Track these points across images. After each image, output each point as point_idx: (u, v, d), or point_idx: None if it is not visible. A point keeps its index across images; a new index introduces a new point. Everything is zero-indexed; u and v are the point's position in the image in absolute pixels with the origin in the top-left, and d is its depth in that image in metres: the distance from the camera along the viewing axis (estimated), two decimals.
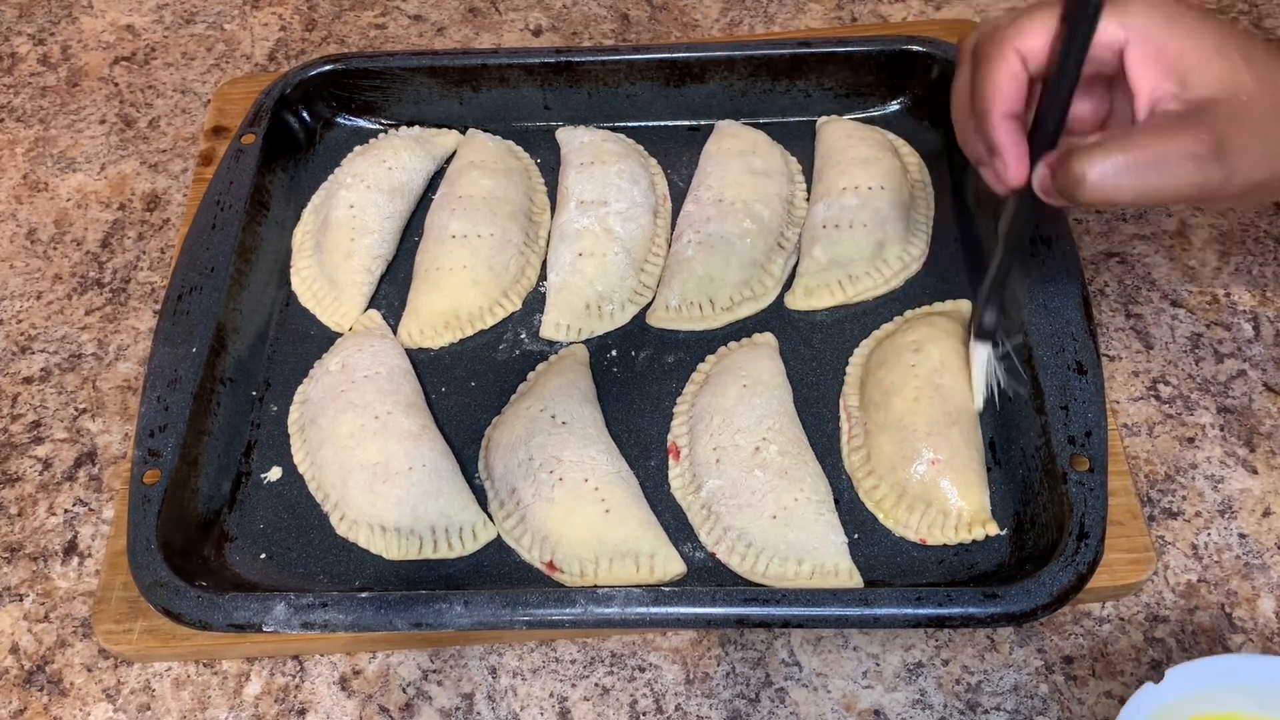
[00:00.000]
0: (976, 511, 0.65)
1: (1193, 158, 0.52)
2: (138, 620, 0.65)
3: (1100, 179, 0.52)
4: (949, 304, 0.74)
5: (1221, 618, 0.64)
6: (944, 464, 0.65)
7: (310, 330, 0.77)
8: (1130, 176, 0.52)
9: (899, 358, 0.69)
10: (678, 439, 0.70)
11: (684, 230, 0.78)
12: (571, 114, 0.85)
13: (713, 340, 0.75)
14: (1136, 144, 0.53)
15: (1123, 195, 0.53)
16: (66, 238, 0.86)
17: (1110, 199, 0.53)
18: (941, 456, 0.65)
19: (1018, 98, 0.57)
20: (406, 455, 0.68)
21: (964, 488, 0.65)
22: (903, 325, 0.73)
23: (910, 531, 0.65)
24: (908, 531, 0.66)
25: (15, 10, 1.01)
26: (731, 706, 0.63)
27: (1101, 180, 0.53)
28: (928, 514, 0.65)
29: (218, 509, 0.69)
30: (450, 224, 0.78)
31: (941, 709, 0.62)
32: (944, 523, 0.65)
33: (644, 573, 0.64)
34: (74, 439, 0.75)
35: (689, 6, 0.96)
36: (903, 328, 0.72)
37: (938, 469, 0.65)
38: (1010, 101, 0.56)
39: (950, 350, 0.69)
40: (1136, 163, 0.52)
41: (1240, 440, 0.70)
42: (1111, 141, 0.53)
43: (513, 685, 0.64)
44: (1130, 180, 0.52)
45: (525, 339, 0.76)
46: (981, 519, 0.65)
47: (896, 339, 0.71)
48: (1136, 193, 0.53)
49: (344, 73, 0.84)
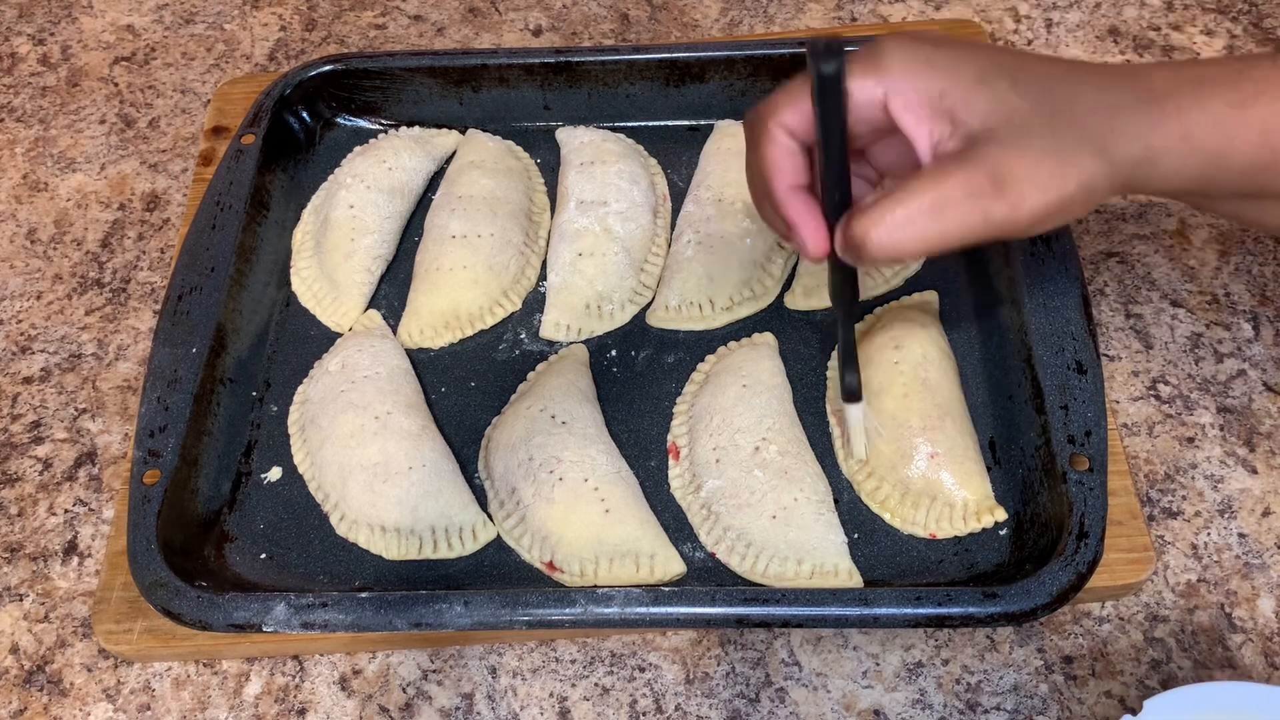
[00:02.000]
0: (981, 500, 0.65)
1: (969, 196, 0.50)
2: (138, 620, 0.65)
3: (882, 238, 0.52)
4: (917, 296, 0.74)
5: (1221, 618, 0.64)
6: (943, 456, 0.65)
7: (310, 330, 0.77)
8: (912, 229, 0.51)
9: (881, 355, 0.69)
10: (677, 439, 0.70)
11: (684, 230, 0.78)
12: (571, 114, 0.85)
13: (713, 340, 0.75)
14: (911, 195, 0.51)
15: (909, 248, 0.52)
16: (66, 238, 0.86)
17: (898, 255, 0.52)
18: (939, 450, 0.66)
19: (795, 170, 0.56)
20: (406, 455, 0.68)
21: (965, 477, 0.65)
22: (876, 323, 0.73)
23: (918, 528, 0.65)
24: (915, 528, 0.65)
25: (15, 10, 1.01)
26: (731, 706, 0.63)
27: (882, 240, 0.52)
28: (933, 508, 0.65)
29: (218, 509, 0.69)
30: (450, 224, 0.78)
31: (941, 709, 0.62)
32: (951, 515, 0.65)
33: (644, 573, 0.64)
34: (74, 439, 0.75)
35: (689, 6, 0.96)
36: (877, 325, 0.72)
37: (937, 462, 0.65)
38: (789, 175, 0.56)
39: (930, 342, 0.69)
40: (913, 214, 0.51)
41: (1240, 440, 0.70)
42: (886, 197, 0.52)
43: (513, 685, 0.64)
44: (912, 233, 0.51)
45: (525, 339, 0.76)
46: (988, 506, 0.65)
47: (874, 337, 0.71)
48: (922, 244, 0.52)
49: (344, 73, 0.84)
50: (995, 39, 0.91)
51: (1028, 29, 0.92)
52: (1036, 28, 0.92)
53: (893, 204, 0.52)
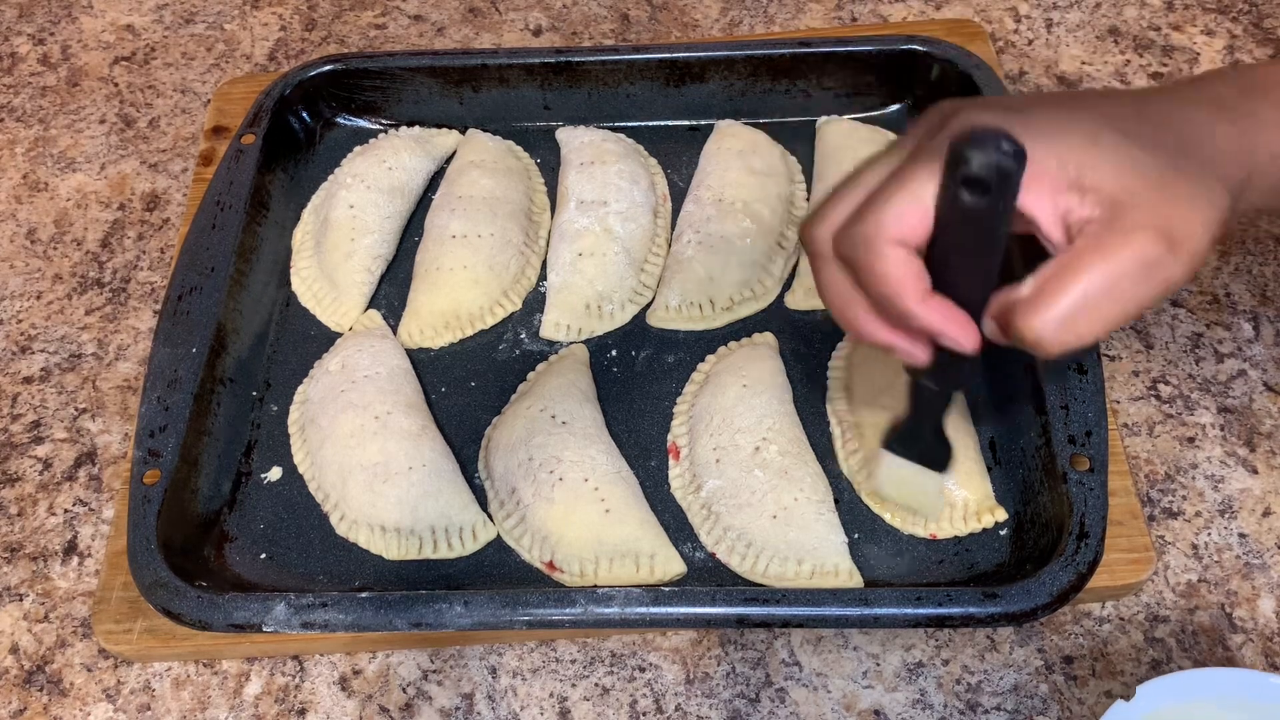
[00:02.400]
0: (982, 500, 0.65)
1: (1146, 267, 0.46)
2: (138, 620, 0.65)
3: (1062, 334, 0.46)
4: None
5: (1221, 618, 0.64)
6: None
7: (310, 330, 0.77)
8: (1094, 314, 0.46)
9: (881, 355, 0.69)
10: (678, 439, 0.70)
11: (684, 230, 0.78)
12: (571, 114, 0.85)
13: (713, 340, 0.75)
14: (1077, 277, 0.46)
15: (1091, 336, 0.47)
16: (66, 238, 0.86)
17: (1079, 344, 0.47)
18: None
19: (922, 278, 0.49)
20: (406, 455, 0.68)
21: (965, 477, 0.65)
22: None
23: (919, 528, 0.65)
24: (916, 528, 0.65)
25: (15, 10, 1.01)
26: (731, 706, 0.63)
27: (1063, 335, 0.46)
28: None
29: (218, 509, 0.69)
30: (450, 224, 0.78)
31: (941, 709, 0.62)
32: (951, 515, 0.65)
33: (644, 573, 0.64)
34: (74, 439, 0.75)
35: (689, 6, 0.96)
36: None
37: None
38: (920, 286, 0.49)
39: None
40: (1090, 298, 0.46)
41: (1240, 440, 0.70)
42: (1051, 285, 0.47)
43: (513, 685, 0.64)
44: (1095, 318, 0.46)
45: (525, 339, 0.76)
46: (988, 506, 0.65)
47: None
48: (1105, 327, 0.47)
49: (344, 73, 0.84)
50: (995, 39, 0.91)
51: (1028, 29, 0.92)
52: (1037, 28, 0.92)
53: (1060, 291, 0.46)
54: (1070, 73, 0.89)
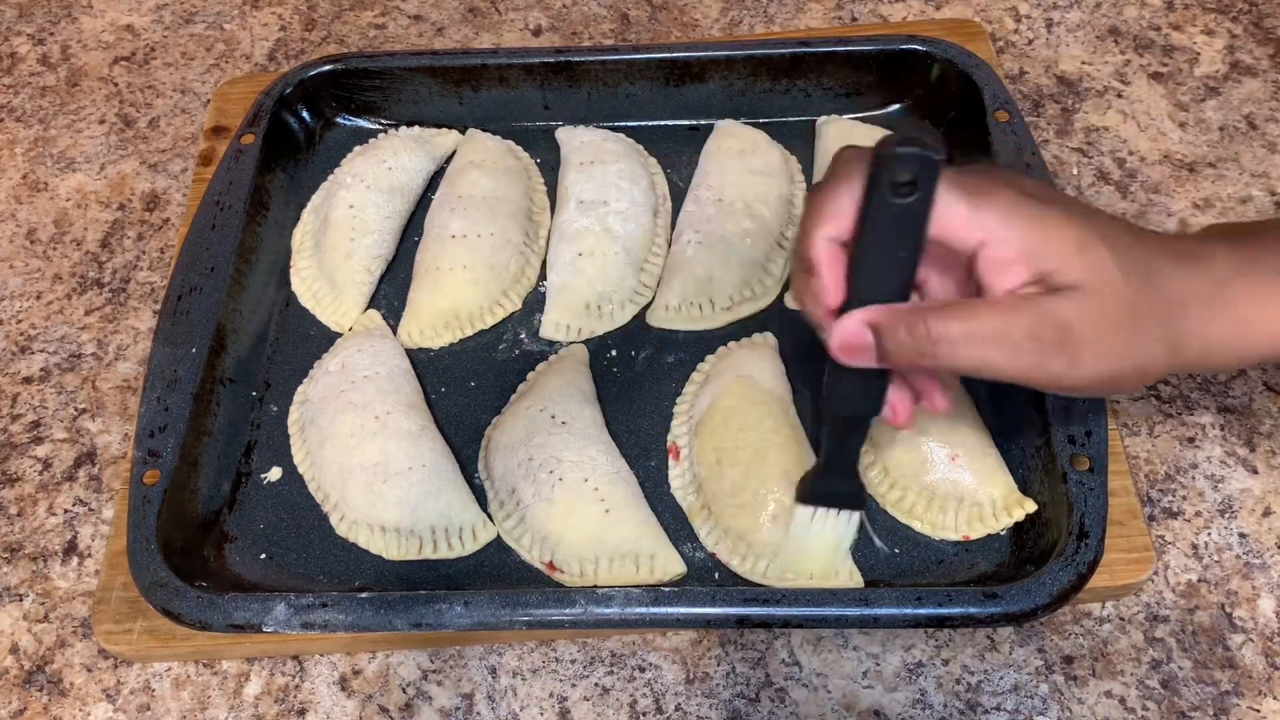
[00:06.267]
0: (1008, 494, 0.65)
1: (1031, 339, 0.50)
2: (138, 620, 0.65)
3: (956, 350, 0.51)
4: None
5: (1221, 618, 0.64)
6: (963, 457, 0.65)
7: (310, 330, 0.77)
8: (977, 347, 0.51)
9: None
10: (678, 439, 0.70)
11: (684, 230, 0.78)
12: (571, 114, 0.85)
13: (713, 340, 0.75)
14: (977, 315, 0.51)
15: (969, 365, 0.51)
16: (66, 238, 0.86)
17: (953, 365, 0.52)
18: (959, 450, 0.65)
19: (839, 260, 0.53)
20: (406, 455, 0.68)
21: (988, 474, 0.65)
22: None
23: (950, 531, 0.65)
24: (948, 532, 0.65)
25: (15, 10, 1.01)
26: (731, 706, 0.63)
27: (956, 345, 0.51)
28: (962, 510, 0.65)
29: (218, 509, 0.69)
30: (450, 224, 0.78)
31: (941, 709, 0.62)
32: (981, 513, 0.65)
33: (644, 573, 0.64)
34: (74, 439, 0.75)
35: (689, 6, 0.96)
36: None
37: (959, 463, 0.65)
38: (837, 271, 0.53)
39: None
40: (980, 333, 0.51)
41: (1240, 440, 0.70)
42: (959, 308, 0.52)
43: (513, 685, 0.64)
44: (975, 351, 0.51)
45: (525, 339, 0.76)
46: (1016, 499, 0.65)
47: None
48: (982, 364, 0.51)
49: (344, 73, 0.84)
50: (995, 39, 0.91)
51: (1028, 29, 0.92)
52: (1037, 28, 0.92)
53: (966, 314, 0.51)
54: (1070, 73, 0.89)
